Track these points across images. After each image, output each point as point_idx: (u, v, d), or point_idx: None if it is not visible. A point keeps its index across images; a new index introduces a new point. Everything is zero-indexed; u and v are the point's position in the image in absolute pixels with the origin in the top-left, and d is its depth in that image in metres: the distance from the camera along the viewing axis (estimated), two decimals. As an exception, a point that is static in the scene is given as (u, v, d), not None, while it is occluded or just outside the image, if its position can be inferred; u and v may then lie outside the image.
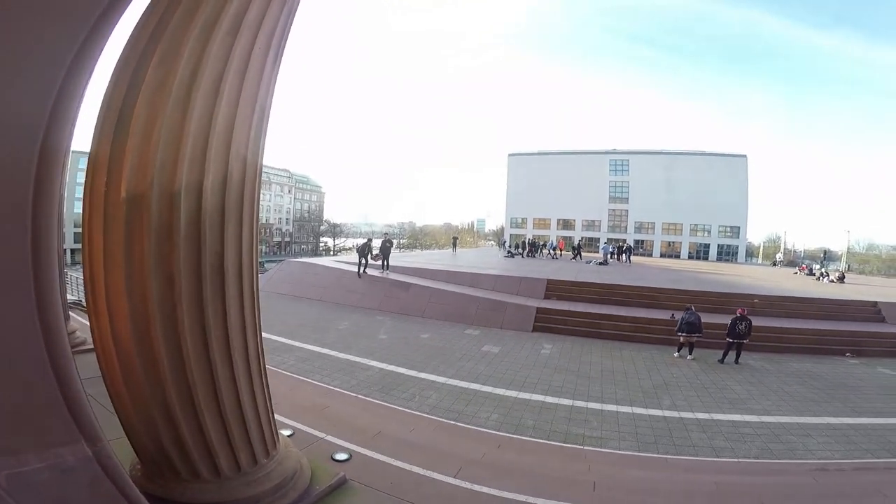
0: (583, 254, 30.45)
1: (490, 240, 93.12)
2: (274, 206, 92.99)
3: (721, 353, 10.84)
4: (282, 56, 2.96)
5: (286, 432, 4.32)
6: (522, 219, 62.13)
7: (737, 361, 10.65)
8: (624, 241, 45.62)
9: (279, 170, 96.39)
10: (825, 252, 59.28)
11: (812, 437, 6.41)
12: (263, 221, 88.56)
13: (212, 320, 2.71)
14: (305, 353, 9.55)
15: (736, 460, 5.63)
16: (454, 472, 4.23)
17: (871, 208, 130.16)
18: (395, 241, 25.30)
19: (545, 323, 13.44)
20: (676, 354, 11.04)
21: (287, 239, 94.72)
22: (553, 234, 52.60)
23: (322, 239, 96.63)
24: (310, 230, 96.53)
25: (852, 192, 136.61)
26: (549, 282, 17.18)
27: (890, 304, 15.39)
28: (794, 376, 9.63)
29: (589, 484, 4.44)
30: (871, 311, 15.36)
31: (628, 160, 58.89)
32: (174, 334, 2.61)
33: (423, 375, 8.49)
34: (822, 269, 30.16)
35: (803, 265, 36.48)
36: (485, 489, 3.97)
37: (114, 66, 2.54)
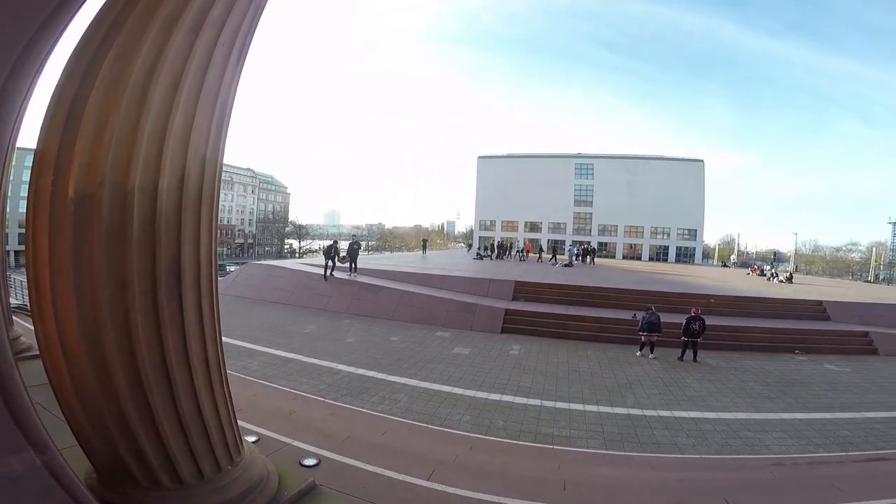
0: (557, 257, 31.04)
1: (460, 242, 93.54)
2: (236, 207, 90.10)
3: (680, 351, 11.27)
4: (246, 54, 2.87)
5: (251, 438, 4.19)
6: (491, 221, 62.67)
7: (695, 359, 11.09)
8: (588, 243, 46.83)
9: (242, 169, 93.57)
10: (775, 254, 62.90)
11: (768, 432, 6.72)
12: (225, 222, 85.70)
13: (168, 325, 2.59)
14: (269, 358, 9.28)
15: (698, 456, 5.85)
16: (427, 474, 4.21)
17: (816, 211, 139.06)
18: (363, 244, 24.94)
19: (514, 324, 13.60)
20: (639, 353, 11.40)
21: (250, 241, 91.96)
22: (520, 237, 53.31)
23: (287, 241, 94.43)
24: (274, 232, 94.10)
25: (799, 195, 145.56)
26: (517, 283, 17.40)
27: (834, 303, 16.43)
28: (748, 373, 10.11)
29: (559, 483, 4.51)
30: (817, 309, 16.33)
31: (593, 164, 60.47)
32: (127, 340, 2.49)
33: (393, 378, 8.40)
34: (773, 270, 31.87)
35: (755, 266, 38.49)
36: (459, 491, 3.97)
37: (66, 60, 2.41)
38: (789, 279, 26.64)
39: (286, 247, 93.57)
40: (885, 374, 10.55)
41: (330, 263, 17.29)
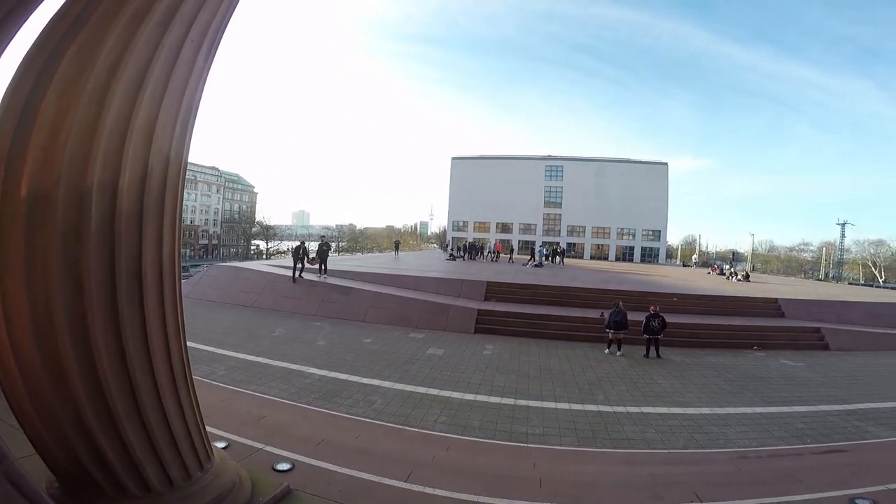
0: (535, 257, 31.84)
1: (433, 243, 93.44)
2: (200, 207, 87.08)
3: (646, 349, 11.64)
4: (216, 51, 2.82)
5: (220, 445, 4.10)
6: (464, 222, 62.97)
7: (658, 355, 11.48)
8: (557, 244, 47.74)
9: (207, 168, 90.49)
10: (734, 253, 65.88)
11: (731, 426, 6.99)
12: (188, 223, 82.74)
13: (129, 329, 2.51)
14: (237, 363, 9.01)
15: (667, 451, 6.02)
16: (405, 475, 4.19)
17: (772, 212, 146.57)
18: (333, 245, 24.55)
19: (487, 324, 13.70)
20: (607, 351, 11.70)
21: (215, 242, 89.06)
22: (492, 238, 53.81)
23: (254, 242, 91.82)
24: (240, 232, 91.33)
25: (756, 197, 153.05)
26: (489, 284, 17.56)
27: (788, 301, 17.30)
28: (711, 369, 10.50)
29: (535, 480, 4.56)
30: (773, 307, 17.15)
31: (562, 166, 61.68)
32: (85, 344, 2.39)
33: (366, 381, 8.31)
34: (731, 270, 33.33)
35: (715, 266, 40.18)
36: (437, 491, 3.97)
37: (22, 56, 2.32)
38: (746, 278, 27.88)
39: (253, 248, 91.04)
40: (836, 368, 11.10)
41: (299, 265, 16.94)
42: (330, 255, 19.00)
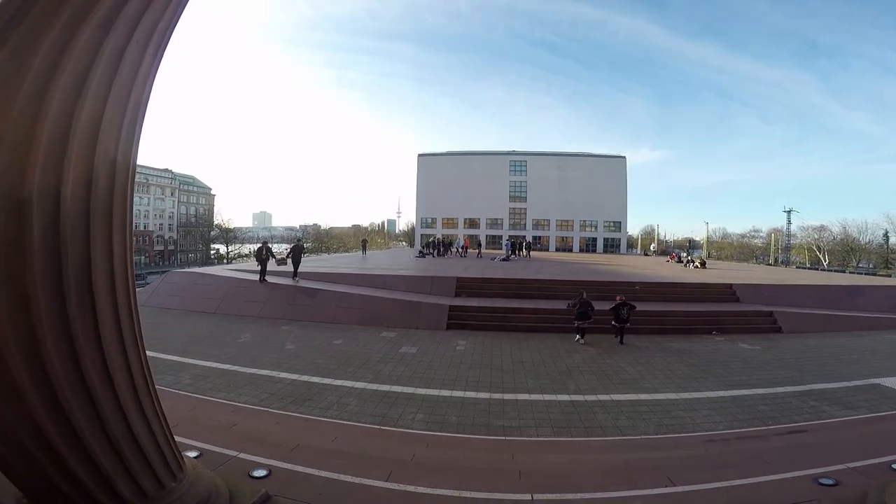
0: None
1: (402, 240, 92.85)
2: (154, 211, 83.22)
3: (614, 336, 12.06)
4: (164, 50, 2.72)
5: (192, 454, 3.96)
6: (432, 218, 62.98)
7: (621, 342, 11.86)
8: (524, 237, 48.49)
9: (159, 170, 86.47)
10: (690, 241, 68.88)
11: (697, 410, 7.24)
12: (141, 228, 78.95)
13: (82, 340, 2.42)
14: (203, 371, 8.67)
15: (639, 437, 6.19)
16: (385, 475, 4.15)
17: (724, 201, 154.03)
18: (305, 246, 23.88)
19: (458, 320, 13.74)
20: (581, 341, 11.94)
21: (171, 247, 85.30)
22: (461, 233, 54.06)
23: (214, 245, 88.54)
24: (198, 236, 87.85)
25: (709, 187, 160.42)
26: (459, 279, 17.61)
27: (742, 286, 18.19)
28: (674, 355, 10.88)
29: (514, 472, 4.61)
30: (728, 292, 17.95)
31: (526, 161, 62.69)
32: (36, 358, 2.28)
33: (339, 383, 8.16)
34: (689, 257, 34.80)
35: (673, 254, 41.87)
36: (419, 489, 3.96)
37: None
38: (703, 265, 29.16)
39: (213, 252, 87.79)
40: (789, 350, 11.66)
41: (261, 267, 16.38)
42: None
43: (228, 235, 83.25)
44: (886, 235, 58.57)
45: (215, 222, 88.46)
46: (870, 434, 6.06)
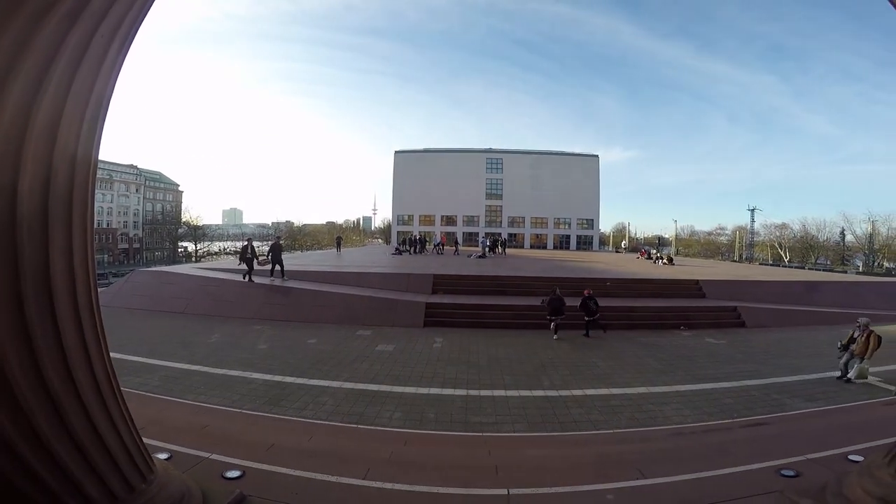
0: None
1: (378, 237, 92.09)
2: (117, 208, 79.85)
3: (585, 330, 12.34)
4: (130, 44, 2.67)
5: (162, 456, 3.87)
6: (409, 216, 62.76)
7: (587, 335, 12.14)
8: (499, 234, 48.88)
9: (124, 166, 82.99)
10: (659, 239, 70.76)
11: (667, 404, 7.46)
12: (105, 226, 75.75)
13: (42, 343, 2.34)
14: (171, 372, 8.42)
15: (611, 431, 6.33)
16: (363, 473, 4.13)
17: (692, 199, 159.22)
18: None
19: (435, 317, 13.75)
20: (555, 337, 12.12)
21: (136, 245, 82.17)
22: (437, 230, 54.07)
23: (182, 243, 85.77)
24: (165, 234, 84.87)
25: (678, 186, 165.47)
26: (436, 277, 17.62)
27: (708, 282, 18.79)
28: (644, 349, 11.18)
29: (492, 468, 4.65)
30: (695, 288, 18.52)
31: (502, 159, 63.20)
32: None
33: (314, 382, 8.06)
34: (658, 254, 35.77)
35: (643, 250, 42.93)
36: (397, 486, 3.95)
37: None
38: (671, 261, 30.02)
39: (181, 250, 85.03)
40: (753, 344, 12.13)
41: (247, 267, 15.84)
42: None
43: (197, 233, 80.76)
44: (843, 233, 61.78)
45: (183, 219, 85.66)
46: (828, 425, 6.35)
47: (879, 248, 58.66)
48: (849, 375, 8.60)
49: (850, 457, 4.34)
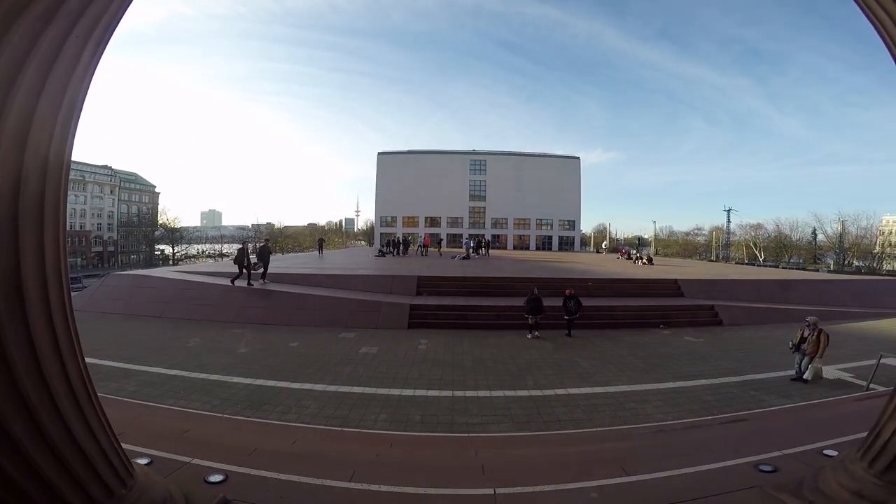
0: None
1: (361, 239, 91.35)
2: (91, 210, 77.47)
3: (566, 330, 12.49)
4: (106, 44, 2.63)
5: (142, 461, 3.75)
6: (392, 217, 62.50)
7: (569, 334, 12.27)
8: (483, 236, 49.08)
9: (98, 167, 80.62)
10: (639, 239, 72.12)
11: (648, 402, 7.57)
12: (78, 228, 73.49)
13: (14, 348, 2.29)
14: (149, 377, 8.21)
15: (594, 430, 6.40)
16: (349, 475, 4.08)
17: (671, 200, 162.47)
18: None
19: (420, 319, 13.72)
20: (529, 336, 12.30)
21: (111, 248, 79.84)
22: (421, 232, 53.95)
23: (158, 246, 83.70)
24: (141, 237, 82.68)
25: (657, 187, 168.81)
26: (420, 278, 17.58)
27: (686, 281, 19.18)
28: (625, 348, 11.33)
29: (478, 468, 4.65)
30: (674, 287, 18.89)
31: (486, 160, 63.51)
32: None
33: (297, 385, 7.95)
34: (637, 254, 36.40)
35: (623, 251, 43.62)
36: (383, 487, 3.92)
37: None
38: (650, 261, 30.62)
39: (158, 253, 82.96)
40: (730, 342, 12.44)
41: (243, 271, 15.56)
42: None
43: (175, 235, 78.94)
44: (814, 233, 63.90)
45: (160, 221, 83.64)
46: (802, 421, 6.52)
47: (849, 247, 60.85)
48: (804, 376, 8.59)
49: (825, 452, 4.45)
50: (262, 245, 17.50)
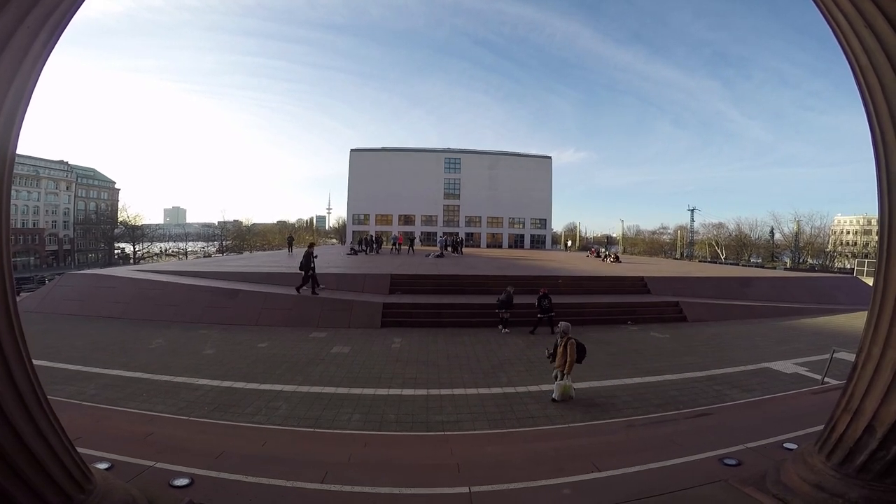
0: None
1: (332, 238, 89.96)
2: (45, 207, 73.38)
3: (541, 327, 12.64)
4: (59, 35, 2.55)
5: (102, 465, 3.59)
6: (365, 215, 61.85)
7: (552, 332, 12.41)
8: (457, 234, 49.23)
9: (53, 162, 76.38)
10: (608, 238, 73.88)
11: (618, 397, 7.72)
12: (30, 226, 69.57)
13: None
14: (110, 380, 7.84)
15: (566, 426, 6.47)
16: (320, 477, 4.00)
17: (638, 200, 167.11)
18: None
19: (393, 317, 13.62)
20: (504, 330, 12.62)
21: (67, 247, 75.91)
22: (395, 230, 53.60)
23: (118, 244, 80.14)
24: (100, 235, 78.95)
25: (625, 187, 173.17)
26: (393, 276, 17.45)
27: (652, 278, 19.73)
28: (594, 344, 11.26)
29: (454, 466, 4.65)
30: (640, 284, 19.41)
31: (460, 159, 63.65)
32: None
33: (266, 387, 7.75)
34: (606, 252, 37.27)
35: (592, 249, 44.58)
36: (356, 488, 3.85)
37: None
38: (617, 259, 31.41)
39: (118, 252, 79.44)
40: (694, 338, 12.82)
41: (309, 280, 14.92)
42: (222, 255, 16.99)
43: (136, 233, 75.75)
44: (772, 232, 66.80)
45: (120, 219, 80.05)
46: (764, 415, 6.72)
47: (804, 246, 63.98)
48: (553, 396, 7.39)
49: (786, 444, 4.61)
50: (306, 250, 15.95)
